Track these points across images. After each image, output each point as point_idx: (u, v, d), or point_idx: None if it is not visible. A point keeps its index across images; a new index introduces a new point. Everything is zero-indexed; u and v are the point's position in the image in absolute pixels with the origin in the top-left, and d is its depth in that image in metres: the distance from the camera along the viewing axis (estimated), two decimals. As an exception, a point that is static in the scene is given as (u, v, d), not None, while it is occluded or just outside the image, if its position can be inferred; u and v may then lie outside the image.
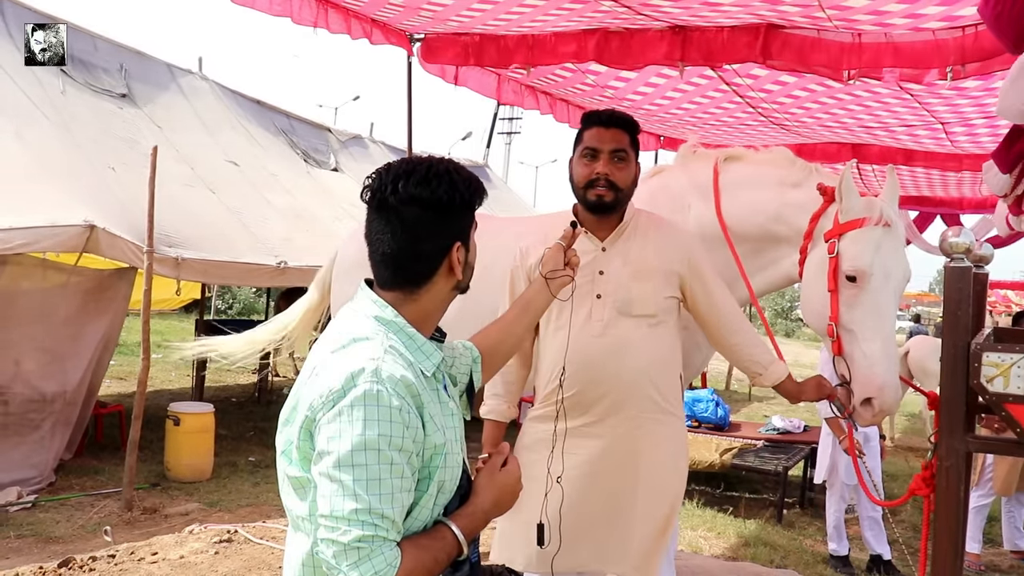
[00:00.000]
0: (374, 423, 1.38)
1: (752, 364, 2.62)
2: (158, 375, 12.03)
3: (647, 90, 5.40)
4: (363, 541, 1.35)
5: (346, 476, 1.36)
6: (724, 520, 6.19)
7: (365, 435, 1.37)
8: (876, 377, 2.40)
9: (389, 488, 1.38)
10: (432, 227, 1.54)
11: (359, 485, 1.36)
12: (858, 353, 2.45)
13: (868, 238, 2.48)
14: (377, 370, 1.42)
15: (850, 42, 3.87)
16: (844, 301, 2.47)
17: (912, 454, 9.16)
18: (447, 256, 1.57)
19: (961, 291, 2.21)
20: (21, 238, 5.61)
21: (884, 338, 2.44)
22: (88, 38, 8.28)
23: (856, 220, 2.50)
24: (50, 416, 6.34)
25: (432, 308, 1.61)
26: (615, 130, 2.49)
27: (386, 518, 1.37)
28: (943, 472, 2.20)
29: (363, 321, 1.55)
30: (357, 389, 1.40)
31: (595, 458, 2.49)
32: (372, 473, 1.37)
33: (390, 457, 1.38)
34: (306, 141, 10.85)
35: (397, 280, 1.57)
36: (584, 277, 2.46)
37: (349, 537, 1.35)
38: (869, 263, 2.45)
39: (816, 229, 2.63)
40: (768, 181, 2.83)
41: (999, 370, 2.00)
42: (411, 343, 1.55)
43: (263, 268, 7.44)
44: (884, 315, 2.47)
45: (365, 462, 1.37)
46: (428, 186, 1.52)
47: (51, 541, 5.21)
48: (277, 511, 5.99)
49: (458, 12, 4.17)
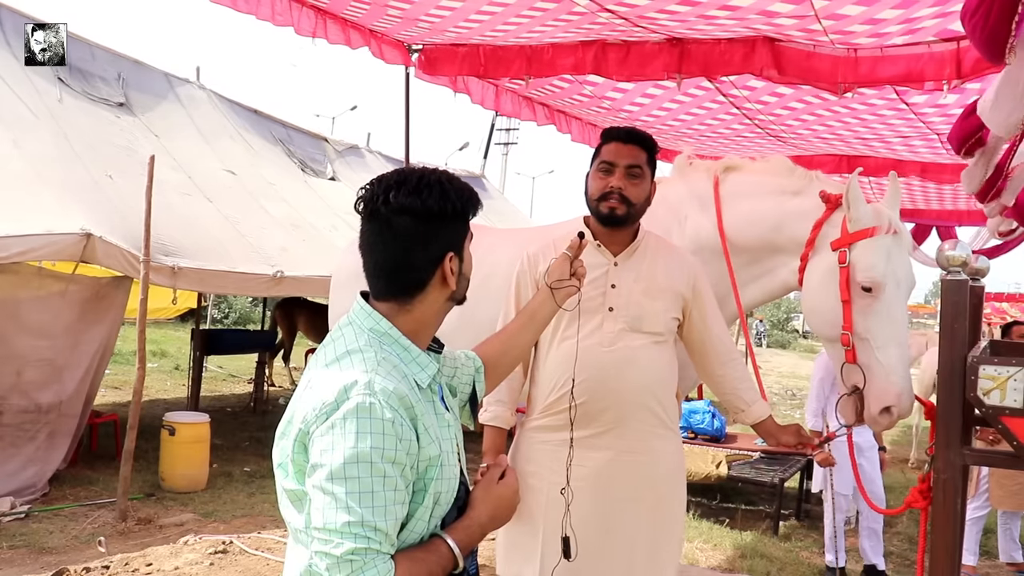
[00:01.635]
0: (367, 436, 1.37)
1: (735, 399, 2.64)
2: (153, 384, 12.00)
3: (644, 101, 5.42)
4: (356, 554, 1.35)
5: (339, 489, 1.36)
6: (720, 532, 6.18)
7: (358, 448, 1.37)
8: (894, 386, 2.41)
9: (382, 501, 1.38)
10: (423, 237, 1.54)
11: (352, 498, 1.35)
12: (874, 362, 2.45)
13: (880, 247, 2.48)
14: (370, 383, 1.42)
15: (846, 56, 3.90)
16: (859, 310, 2.48)
17: (907, 465, 9.16)
18: (439, 266, 1.56)
19: (958, 304, 2.22)
20: (18, 246, 5.60)
21: (899, 345, 2.46)
22: (86, 47, 8.29)
23: (867, 229, 2.50)
24: (45, 426, 6.32)
25: (426, 319, 1.60)
26: (632, 146, 2.51)
27: (379, 531, 1.37)
28: (940, 485, 2.20)
29: (357, 333, 1.54)
30: (350, 402, 1.39)
31: (601, 470, 2.48)
32: (365, 486, 1.36)
33: (383, 470, 1.38)
34: (303, 151, 10.87)
35: (390, 290, 1.57)
36: (596, 289, 2.46)
37: (342, 550, 1.34)
38: (883, 273, 2.46)
39: (819, 237, 2.63)
40: (768, 190, 2.83)
41: (995, 383, 2.00)
42: (406, 355, 1.55)
43: (260, 278, 7.42)
44: (898, 323, 2.48)
45: (358, 475, 1.36)
46: (419, 196, 1.52)
47: (44, 552, 5.18)
48: (272, 522, 5.97)
49: (456, 23, 4.19)
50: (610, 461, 2.48)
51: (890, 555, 5.92)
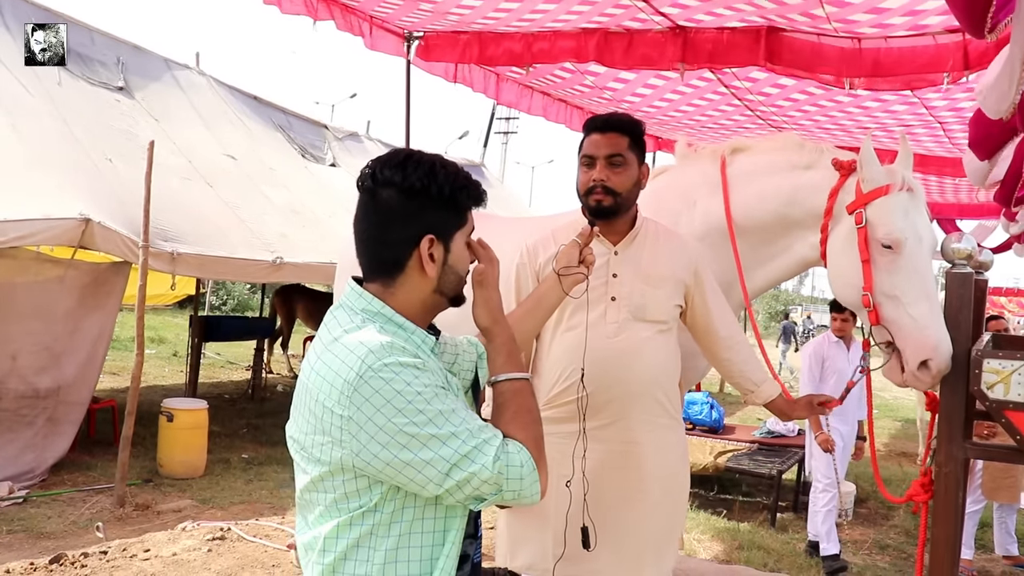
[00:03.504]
0: (399, 382, 1.38)
1: (744, 381, 2.63)
2: (151, 370, 12.00)
3: (646, 92, 5.40)
4: (481, 450, 1.39)
5: (417, 434, 1.37)
6: (718, 523, 6.19)
7: (399, 395, 1.37)
8: (929, 338, 2.33)
9: (452, 406, 1.41)
10: (403, 213, 1.51)
11: (429, 428, 1.37)
12: (906, 318, 2.39)
13: (896, 203, 2.46)
14: (380, 346, 1.41)
15: (850, 47, 3.87)
16: (882, 268, 2.44)
17: (905, 459, 9.17)
18: (416, 247, 1.52)
19: (962, 297, 2.21)
20: (15, 231, 5.58)
21: (929, 299, 2.40)
22: (85, 31, 8.24)
23: (881, 188, 2.47)
24: (44, 412, 6.31)
25: (410, 306, 1.55)
26: (611, 134, 2.47)
27: (471, 429, 1.40)
28: (942, 478, 2.20)
29: (351, 314, 1.52)
30: (367, 371, 1.38)
31: (606, 462, 2.47)
32: (432, 413, 1.38)
33: (433, 393, 1.40)
34: (303, 137, 10.82)
35: (372, 268, 1.56)
36: (598, 279, 2.44)
37: (472, 467, 1.38)
38: (902, 228, 2.43)
39: (836, 204, 2.61)
40: (779, 167, 2.81)
41: (999, 377, 1.99)
42: (401, 332, 1.51)
43: (260, 264, 7.40)
44: (925, 276, 2.44)
45: (419, 409, 1.37)
46: (403, 171, 1.51)
47: (42, 537, 5.18)
48: (270, 509, 5.98)
49: (457, 3, 4.15)
50: (615, 452, 2.47)
51: (887, 548, 5.94)
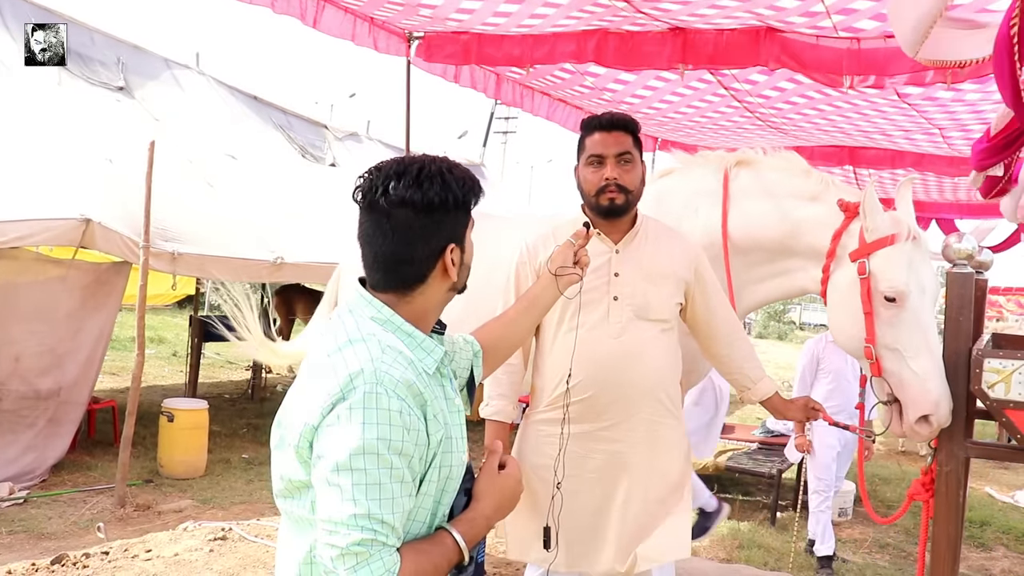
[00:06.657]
0: (373, 426, 1.35)
1: (741, 378, 2.64)
2: (151, 371, 11.99)
3: (646, 93, 5.40)
4: (362, 545, 1.33)
5: (345, 480, 1.34)
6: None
7: (364, 439, 1.34)
8: (930, 393, 2.32)
9: (389, 493, 1.35)
10: (424, 230, 1.49)
11: (358, 490, 1.33)
12: (907, 371, 2.38)
13: (900, 255, 2.43)
14: (376, 371, 1.39)
15: (848, 48, 3.87)
16: (885, 321, 2.43)
17: (904, 458, 9.18)
18: (440, 258, 1.53)
19: (963, 297, 2.22)
20: (16, 231, 5.58)
21: (931, 353, 2.38)
22: (85, 31, 8.24)
23: (885, 238, 2.46)
24: (44, 413, 6.31)
25: (427, 309, 1.57)
26: (617, 133, 2.48)
27: (385, 523, 1.35)
28: (943, 477, 2.21)
29: (359, 321, 1.51)
30: (356, 392, 1.37)
31: (611, 463, 2.48)
32: (371, 478, 1.34)
33: (390, 461, 1.36)
34: (303, 137, 10.81)
35: (389, 283, 1.53)
36: (600, 278, 2.45)
37: (347, 541, 1.32)
38: (905, 281, 2.40)
39: (839, 247, 2.59)
40: (783, 192, 2.79)
41: (1000, 376, 2.01)
42: (411, 341, 1.51)
43: (260, 263, 7.40)
44: (927, 330, 2.42)
45: (364, 466, 1.34)
46: (419, 188, 1.47)
47: (43, 537, 5.18)
48: (271, 509, 5.98)
49: (457, 7, 4.15)
50: (620, 453, 2.48)
51: (886, 547, 5.94)
